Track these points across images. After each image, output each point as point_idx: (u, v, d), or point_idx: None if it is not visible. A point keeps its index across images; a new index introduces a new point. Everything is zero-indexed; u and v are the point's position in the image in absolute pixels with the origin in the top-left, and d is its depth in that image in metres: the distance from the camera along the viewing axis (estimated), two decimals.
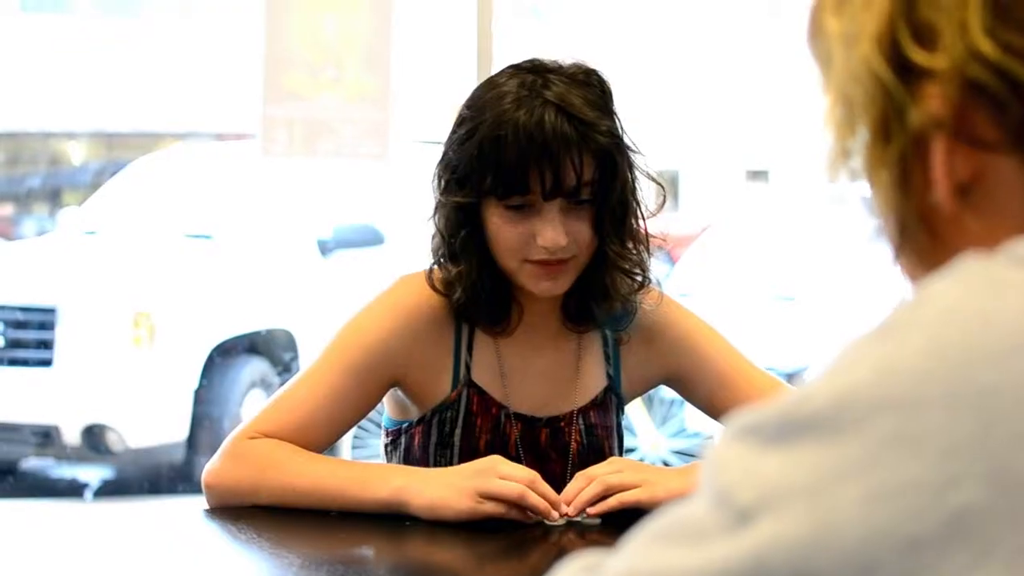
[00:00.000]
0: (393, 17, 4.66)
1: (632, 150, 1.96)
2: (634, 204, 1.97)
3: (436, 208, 1.98)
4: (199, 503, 1.91)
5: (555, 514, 1.82)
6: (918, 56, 0.77)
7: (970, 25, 0.76)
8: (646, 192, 2.00)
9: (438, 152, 1.98)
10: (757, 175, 21.15)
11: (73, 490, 7.01)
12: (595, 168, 1.89)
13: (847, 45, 0.81)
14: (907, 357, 0.71)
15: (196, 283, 6.91)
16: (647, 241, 2.01)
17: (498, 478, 1.79)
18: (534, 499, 1.79)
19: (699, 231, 8.61)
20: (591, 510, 1.84)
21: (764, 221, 8.97)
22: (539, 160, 1.85)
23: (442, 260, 1.99)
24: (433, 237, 2.00)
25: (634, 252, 1.99)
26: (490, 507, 1.79)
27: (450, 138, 1.96)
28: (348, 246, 7.33)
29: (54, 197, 14.35)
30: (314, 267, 7.28)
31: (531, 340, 2.04)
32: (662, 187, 2.01)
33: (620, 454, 2.12)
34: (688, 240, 8.27)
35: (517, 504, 1.80)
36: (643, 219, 2.00)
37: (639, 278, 2.01)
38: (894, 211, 0.82)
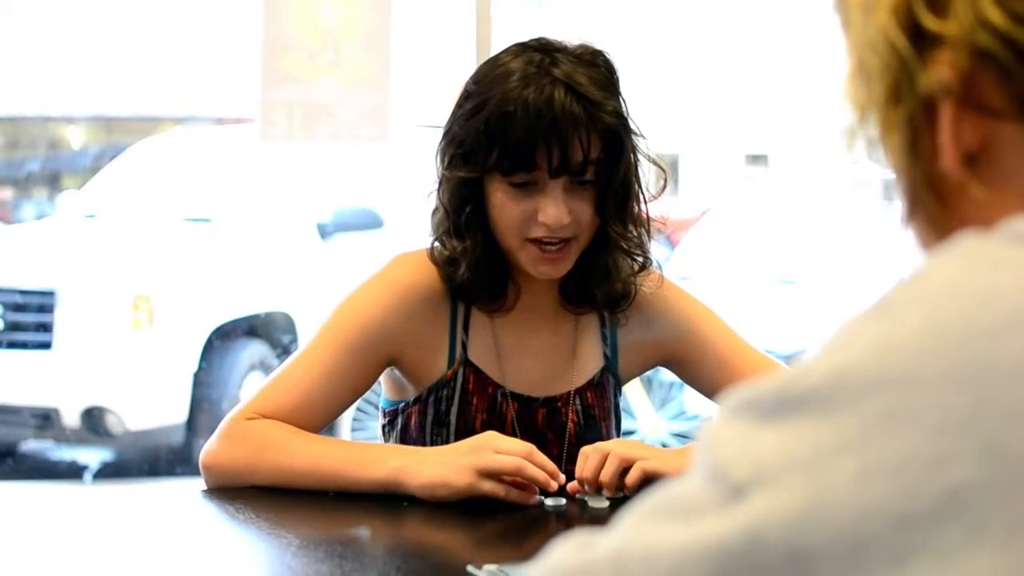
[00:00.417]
0: (392, 0, 4.65)
1: (635, 133, 1.96)
2: (636, 187, 1.98)
3: (440, 183, 1.98)
4: (198, 485, 1.92)
5: (554, 484, 1.82)
6: (930, 22, 0.78)
7: None
8: (647, 175, 2.00)
9: (442, 128, 1.98)
10: (757, 159, 21.13)
11: (73, 472, 7.02)
12: (601, 148, 1.90)
13: (866, 12, 0.82)
14: (904, 334, 0.71)
15: (195, 266, 6.91)
16: (648, 224, 2.01)
17: (495, 453, 1.79)
18: (532, 471, 1.80)
19: (699, 215, 8.60)
20: (628, 490, 1.85)
21: (764, 205, 8.96)
22: (547, 137, 1.86)
23: (445, 236, 1.98)
24: (435, 213, 2.00)
25: (635, 234, 1.99)
26: (489, 485, 1.79)
27: (455, 113, 1.96)
28: (347, 229, 7.33)
29: (53, 181, 14.34)
30: (313, 250, 7.28)
31: (528, 320, 2.05)
32: (663, 170, 2.02)
33: (618, 435, 2.12)
34: (688, 224, 8.27)
35: (516, 478, 1.80)
36: (644, 202, 2.00)
37: (640, 259, 2.02)
38: (904, 176, 0.83)
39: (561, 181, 1.89)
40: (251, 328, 7.00)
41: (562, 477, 1.84)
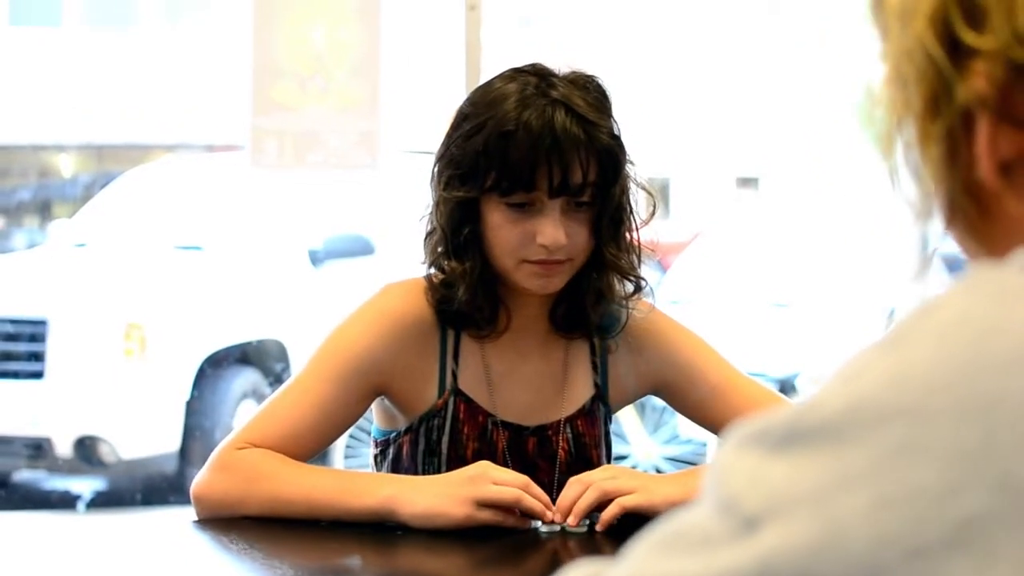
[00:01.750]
0: (381, 27, 4.66)
1: (628, 160, 1.97)
2: (628, 211, 1.98)
3: (436, 205, 1.97)
4: (192, 514, 1.91)
5: (549, 515, 1.82)
6: (968, 36, 0.79)
7: (1017, 10, 0.77)
8: (637, 201, 2.01)
9: (435, 152, 1.98)
10: (747, 182, 21.17)
11: (65, 502, 7.00)
12: (598, 170, 1.90)
13: (903, 21, 0.82)
14: (915, 366, 0.71)
15: (187, 294, 6.90)
16: (639, 249, 2.01)
17: (492, 484, 1.79)
18: (530, 502, 1.80)
19: (690, 238, 8.61)
20: (599, 527, 1.83)
21: (755, 228, 8.97)
22: (548, 158, 1.86)
23: (443, 259, 1.98)
24: (430, 236, 2.00)
25: (628, 257, 2.00)
26: (486, 514, 1.79)
27: (450, 135, 1.96)
28: (339, 256, 7.33)
29: (44, 210, 14.34)
30: (305, 277, 7.27)
31: (518, 345, 2.05)
32: (653, 196, 2.02)
33: (608, 462, 2.11)
34: (679, 247, 8.27)
35: (513, 509, 1.80)
36: (636, 228, 2.00)
37: (634, 283, 2.02)
38: (943, 185, 0.83)
39: (559, 203, 1.89)
40: (243, 356, 6.99)
41: (557, 515, 1.84)
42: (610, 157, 1.91)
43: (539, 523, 1.84)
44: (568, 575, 0.80)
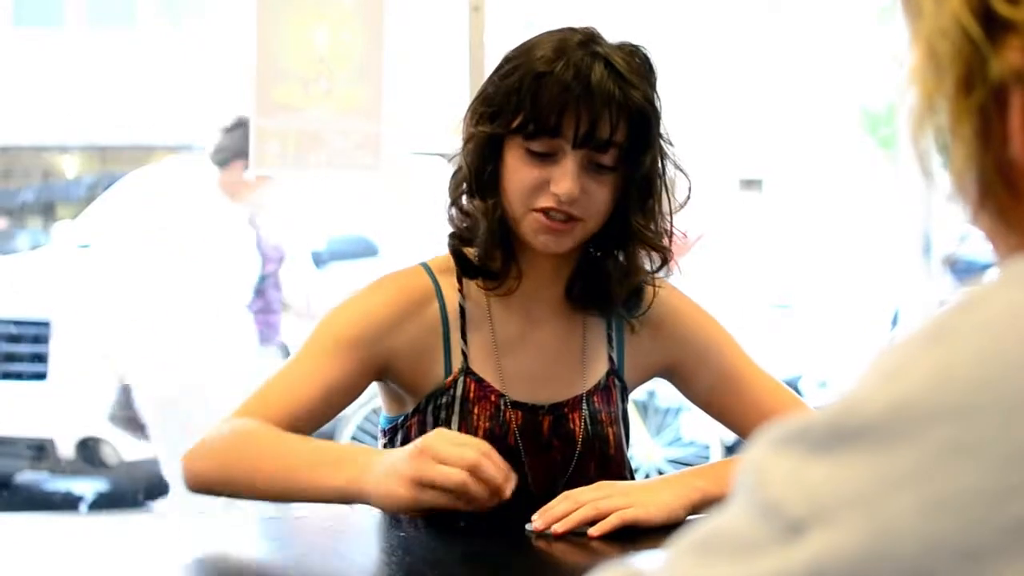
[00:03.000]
0: (385, 29, 4.66)
1: (665, 139, 1.96)
2: (660, 187, 1.96)
3: (464, 144, 1.97)
4: (192, 514, 1.90)
5: (507, 491, 1.69)
6: (1004, 8, 0.79)
7: None
8: (673, 183, 1.99)
9: (479, 90, 1.98)
10: (751, 184, 21.17)
11: (68, 503, 7.00)
12: (627, 134, 1.89)
13: (937, 0, 0.82)
14: (962, 363, 0.70)
15: None
16: (670, 232, 1.99)
17: (436, 463, 1.64)
18: (476, 489, 1.65)
19: (694, 240, 8.60)
20: (592, 531, 1.80)
21: (758, 230, 8.97)
22: (577, 105, 1.85)
23: (465, 196, 1.97)
24: (455, 174, 1.99)
25: (654, 231, 1.97)
26: (430, 496, 1.65)
27: (492, 76, 1.96)
28: (341, 258, 7.33)
29: (48, 211, 14.35)
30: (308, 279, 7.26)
31: (528, 310, 2.02)
32: (689, 180, 2.00)
33: (627, 442, 2.08)
34: (683, 249, 8.26)
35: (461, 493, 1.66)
36: (670, 209, 1.99)
37: (660, 256, 1.99)
38: (975, 165, 0.82)
39: (581, 155, 1.88)
40: None
41: (514, 479, 1.72)
42: (642, 121, 1.90)
43: (529, 525, 1.83)
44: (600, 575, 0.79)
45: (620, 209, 1.93)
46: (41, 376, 6.43)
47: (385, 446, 2.06)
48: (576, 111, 1.86)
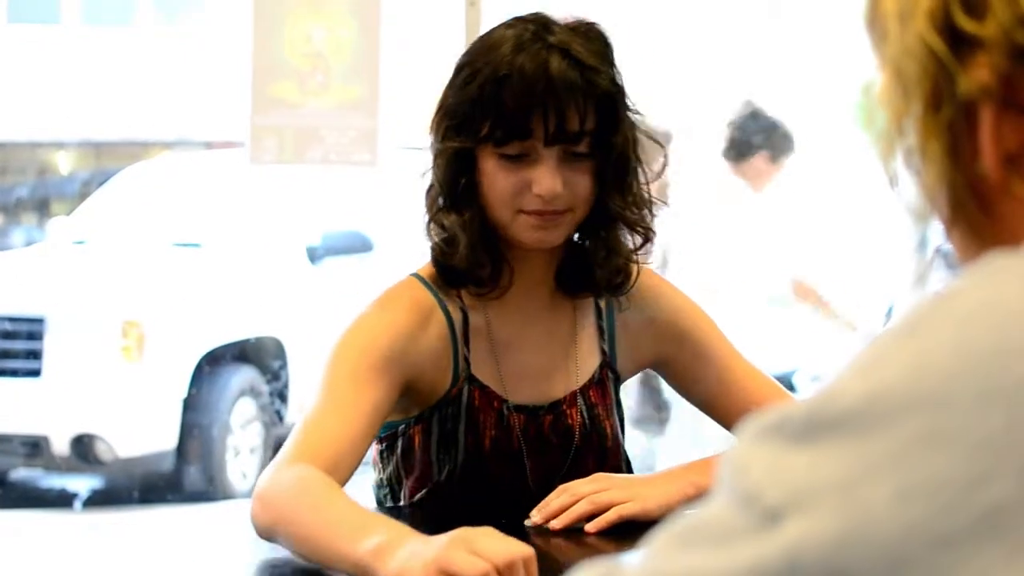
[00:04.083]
0: (381, 24, 4.65)
1: (631, 109, 1.92)
2: (635, 162, 1.93)
3: (433, 159, 1.92)
4: (188, 512, 1.90)
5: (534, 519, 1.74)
6: (968, 25, 0.79)
7: None
8: (646, 153, 1.96)
9: (437, 101, 1.93)
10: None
11: (63, 500, 7.00)
12: (597, 118, 1.85)
13: (902, 21, 0.82)
14: (937, 354, 0.71)
15: (185, 292, 6.90)
16: (650, 204, 1.96)
17: (467, 553, 1.46)
18: None
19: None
20: (590, 527, 1.79)
21: (755, 225, 8.97)
22: (543, 103, 1.81)
23: (441, 213, 1.92)
24: (429, 191, 1.94)
25: (636, 210, 1.94)
26: None
27: (449, 85, 1.91)
28: (337, 253, 7.33)
29: (42, 207, 14.34)
30: (303, 274, 7.27)
31: (523, 309, 1.99)
32: (662, 146, 1.98)
33: (623, 432, 2.07)
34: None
35: None
36: (646, 182, 1.95)
37: (642, 234, 1.96)
38: (946, 183, 0.83)
39: (556, 151, 1.84)
40: (241, 353, 6.99)
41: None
42: (610, 104, 1.86)
43: (528, 520, 1.82)
44: (580, 574, 0.79)
45: (600, 191, 1.90)
46: (36, 373, 6.43)
47: (382, 452, 2.03)
48: (543, 109, 1.81)
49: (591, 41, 1.87)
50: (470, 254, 1.90)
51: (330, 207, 7.56)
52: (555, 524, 1.79)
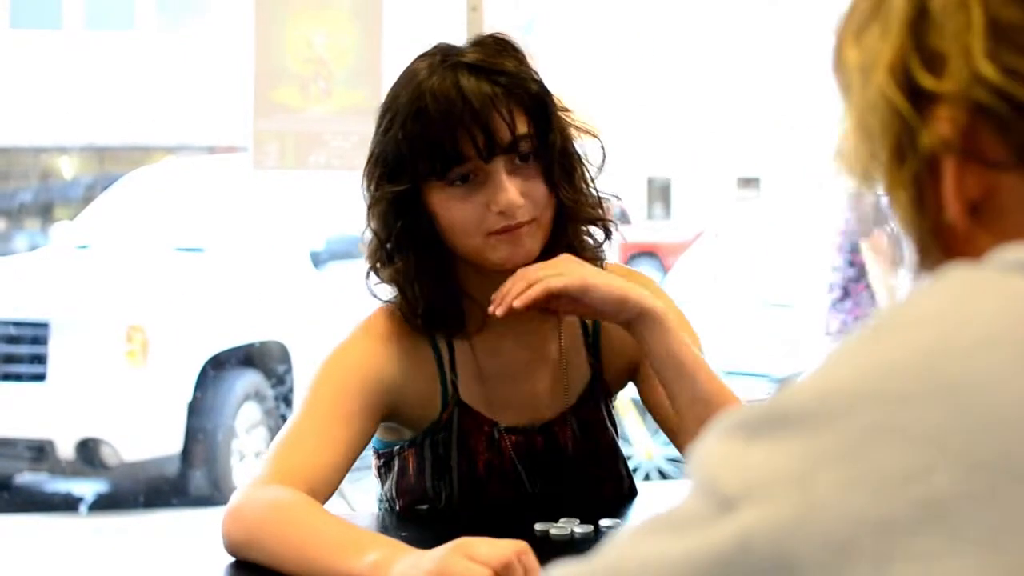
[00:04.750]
0: (382, 29, 4.67)
1: (560, 108, 1.89)
2: (577, 157, 1.90)
3: (369, 209, 1.90)
4: (193, 516, 1.90)
5: None
6: (927, 81, 0.82)
7: (973, 50, 0.80)
8: (584, 148, 1.91)
9: (368, 154, 1.91)
10: (748, 182, 21.17)
11: (68, 504, 7.00)
12: (528, 121, 1.82)
13: (864, 75, 0.85)
14: (886, 355, 0.75)
15: (189, 296, 6.91)
16: (598, 197, 1.93)
17: (466, 559, 1.48)
18: None
19: (692, 238, 8.62)
20: (517, 303, 1.77)
21: (756, 228, 8.98)
22: (464, 121, 1.78)
23: (379, 266, 1.91)
24: (369, 244, 1.93)
25: (592, 207, 1.92)
26: None
27: (375, 134, 1.89)
28: (340, 258, 7.33)
29: (46, 212, 14.37)
30: (307, 279, 7.28)
31: (508, 335, 1.96)
32: (597, 137, 1.94)
33: (618, 436, 2.05)
34: (681, 248, 8.28)
35: None
36: (590, 177, 1.92)
37: (602, 228, 1.94)
38: (913, 230, 0.87)
39: (500, 164, 1.81)
40: (245, 357, 6.99)
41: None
42: (536, 105, 1.84)
43: (538, 525, 1.81)
44: (556, 568, 0.82)
45: (554, 192, 1.87)
46: (40, 377, 6.44)
47: (379, 468, 2.03)
48: (468, 128, 1.79)
49: (500, 51, 1.86)
50: (421, 298, 1.88)
51: (333, 212, 7.56)
52: (516, 304, 1.77)
